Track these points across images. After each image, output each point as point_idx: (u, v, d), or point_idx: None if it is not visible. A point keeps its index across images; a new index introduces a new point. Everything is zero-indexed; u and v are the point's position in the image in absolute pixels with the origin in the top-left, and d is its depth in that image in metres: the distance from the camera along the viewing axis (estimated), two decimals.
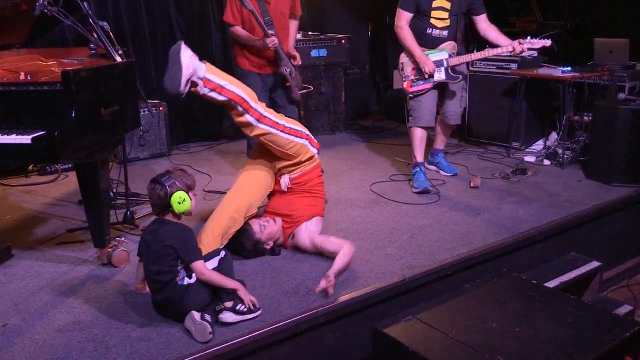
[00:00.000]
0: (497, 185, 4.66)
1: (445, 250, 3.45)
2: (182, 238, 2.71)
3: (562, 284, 3.60)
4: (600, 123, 4.78)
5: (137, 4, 5.56)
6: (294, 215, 3.49)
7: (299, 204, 3.55)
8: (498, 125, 5.68)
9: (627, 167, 4.58)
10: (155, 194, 2.72)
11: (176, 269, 2.70)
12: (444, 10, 4.44)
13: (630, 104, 4.62)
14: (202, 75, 3.16)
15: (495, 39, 4.54)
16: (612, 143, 4.62)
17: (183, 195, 2.71)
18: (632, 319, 3.53)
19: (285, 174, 3.58)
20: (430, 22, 4.47)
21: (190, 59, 3.11)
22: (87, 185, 3.20)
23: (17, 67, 3.38)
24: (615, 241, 4.37)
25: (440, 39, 4.51)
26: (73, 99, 2.80)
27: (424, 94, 4.54)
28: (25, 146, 2.75)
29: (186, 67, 3.08)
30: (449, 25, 4.49)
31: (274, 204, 3.61)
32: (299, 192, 3.59)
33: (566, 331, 2.70)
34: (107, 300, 2.92)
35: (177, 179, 2.74)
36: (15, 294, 3.00)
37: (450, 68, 4.50)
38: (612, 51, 5.55)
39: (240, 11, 4.28)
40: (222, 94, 3.26)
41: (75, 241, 3.63)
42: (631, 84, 5.31)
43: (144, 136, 5.38)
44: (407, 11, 4.45)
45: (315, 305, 2.81)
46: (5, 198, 4.45)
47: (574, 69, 5.13)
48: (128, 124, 3.40)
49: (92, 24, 3.30)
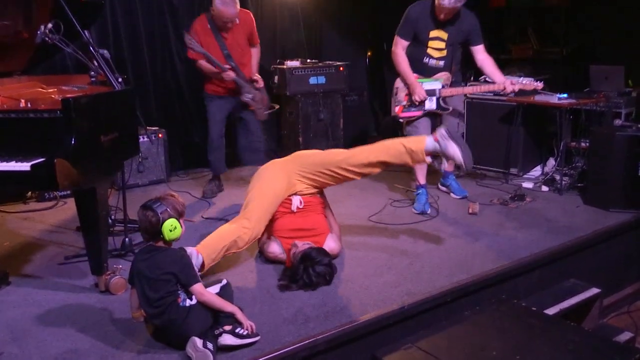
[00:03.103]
0: (496, 211, 4.66)
1: (444, 277, 3.43)
2: (181, 264, 2.71)
3: (562, 310, 3.58)
4: (597, 149, 4.80)
5: (137, 32, 5.61)
6: (317, 230, 3.60)
7: (316, 219, 3.65)
8: (496, 151, 5.71)
9: (625, 193, 4.59)
10: (147, 220, 2.71)
11: (176, 292, 2.69)
12: (441, 40, 4.50)
13: (627, 130, 4.65)
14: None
15: (490, 73, 4.59)
16: (609, 169, 4.64)
17: (174, 222, 2.71)
18: (632, 346, 3.51)
19: (298, 194, 3.64)
20: (427, 52, 4.53)
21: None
22: (85, 211, 3.20)
23: (18, 93, 3.40)
24: (614, 267, 4.36)
25: (436, 69, 4.57)
26: (72, 126, 2.82)
27: (416, 120, 4.60)
28: (24, 173, 2.76)
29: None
30: (445, 55, 4.55)
31: (287, 224, 3.60)
32: (309, 210, 3.65)
33: (566, 358, 2.69)
34: (104, 328, 2.90)
35: (168, 205, 2.74)
36: (12, 322, 2.98)
37: (442, 98, 4.56)
38: (607, 77, 5.60)
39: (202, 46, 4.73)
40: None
41: (72, 268, 3.61)
42: (627, 110, 5.35)
43: (142, 162, 5.39)
44: (403, 39, 4.51)
45: (313, 333, 2.79)
46: (3, 224, 4.44)
47: (570, 96, 5.17)
48: (127, 150, 3.42)
49: (92, 51, 3.33)
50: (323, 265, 3.28)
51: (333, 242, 3.63)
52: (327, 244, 3.57)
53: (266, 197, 3.53)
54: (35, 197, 5.05)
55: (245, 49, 4.99)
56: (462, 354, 2.74)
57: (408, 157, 3.56)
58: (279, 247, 3.57)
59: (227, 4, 4.60)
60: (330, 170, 3.62)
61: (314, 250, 3.34)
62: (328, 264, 3.32)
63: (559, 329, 2.96)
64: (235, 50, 4.85)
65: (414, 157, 3.56)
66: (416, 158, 3.57)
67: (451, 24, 4.46)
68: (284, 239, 3.57)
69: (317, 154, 3.84)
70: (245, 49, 4.98)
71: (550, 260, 3.84)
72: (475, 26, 4.54)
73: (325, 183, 3.71)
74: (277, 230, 3.62)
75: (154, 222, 2.70)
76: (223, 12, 4.62)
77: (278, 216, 3.62)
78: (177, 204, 2.79)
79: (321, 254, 3.34)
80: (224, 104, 4.98)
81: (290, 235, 3.56)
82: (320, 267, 3.26)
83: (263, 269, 3.58)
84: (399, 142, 3.64)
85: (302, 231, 3.57)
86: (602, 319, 3.99)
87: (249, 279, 3.45)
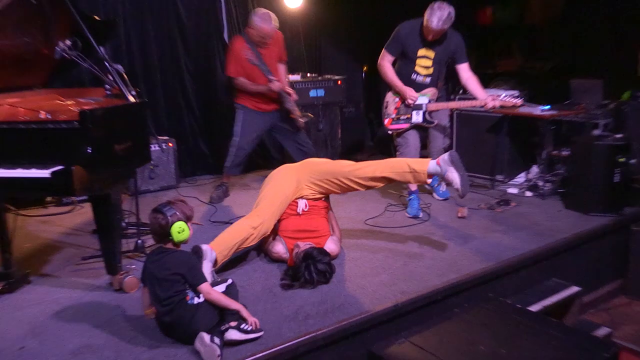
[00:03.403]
0: (483, 215, 4.67)
1: (435, 277, 3.44)
2: (188, 265, 2.72)
3: (545, 307, 3.59)
4: (577, 157, 4.81)
5: (149, 48, 5.63)
6: (319, 232, 3.63)
7: (319, 222, 3.69)
8: (483, 159, 5.71)
9: (603, 198, 4.60)
10: (157, 223, 2.72)
11: (184, 291, 2.70)
12: (428, 59, 4.53)
13: (605, 140, 4.66)
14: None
15: (473, 90, 4.61)
16: (588, 175, 4.64)
17: (183, 225, 2.72)
18: (610, 340, 3.52)
19: (304, 198, 3.67)
20: (414, 69, 4.56)
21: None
22: (100, 215, 3.21)
23: (38, 105, 3.40)
24: (593, 267, 4.37)
25: (423, 85, 4.60)
26: (89, 136, 2.83)
27: (405, 132, 4.65)
28: (44, 179, 2.76)
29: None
30: (431, 72, 4.58)
31: (291, 225, 3.63)
32: (313, 213, 3.69)
33: (549, 353, 2.69)
34: (118, 324, 2.90)
35: (177, 209, 2.75)
36: (32, 318, 2.99)
37: (428, 112, 4.59)
38: (586, 90, 5.61)
39: (240, 64, 4.72)
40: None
41: (88, 268, 3.62)
42: (605, 121, 5.35)
43: (154, 170, 5.40)
44: (389, 53, 4.55)
45: (313, 329, 2.79)
46: (24, 227, 4.44)
47: (552, 107, 5.18)
48: (139, 158, 3.42)
49: (107, 66, 3.35)
50: (323, 264, 3.30)
51: (333, 244, 3.64)
52: (328, 245, 3.59)
53: (277, 198, 3.58)
54: (54, 202, 5.06)
55: (276, 64, 5.03)
56: (452, 348, 2.74)
57: (411, 177, 3.63)
58: (283, 247, 3.59)
59: (266, 21, 4.65)
60: (338, 180, 3.66)
61: (315, 250, 3.36)
62: (328, 263, 3.34)
63: (542, 325, 2.96)
64: (271, 65, 4.87)
65: (416, 177, 3.62)
66: (418, 178, 3.63)
67: (438, 44, 4.48)
68: (288, 239, 3.60)
69: (327, 162, 3.88)
70: (276, 64, 5.01)
71: (534, 260, 3.85)
72: (461, 46, 4.54)
73: (330, 190, 3.74)
74: (282, 231, 3.64)
75: (163, 224, 2.70)
76: (263, 29, 4.66)
77: (284, 217, 3.65)
78: (186, 208, 2.80)
79: (322, 253, 3.35)
80: (262, 119, 4.97)
81: (294, 235, 3.59)
82: (321, 265, 3.28)
83: (266, 269, 3.58)
84: (405, 161, 3.70)
85: (305, 232, 3.60)
86: (581, 315, 3.99)
87: (253, 279, 3.45)
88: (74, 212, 4.90)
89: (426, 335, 2.87)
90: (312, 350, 2.75)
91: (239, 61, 4.77)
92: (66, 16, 3.33)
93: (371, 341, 2.91)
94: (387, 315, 3.03)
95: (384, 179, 3.66)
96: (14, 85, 3.67)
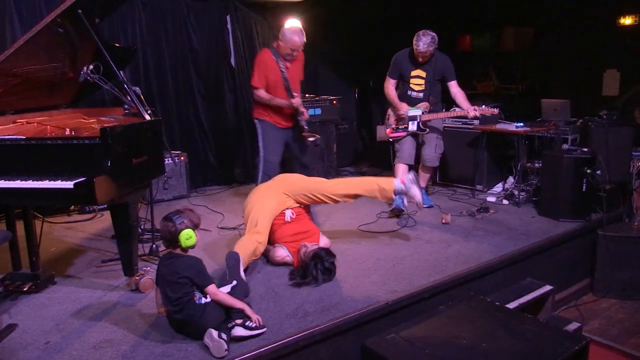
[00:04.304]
0: (464, 221, 4.66)
1: (422, 277, 3.42)
2: (196, 269, 2.69)
3: (521, 305, 3.57)
4: (549, 169, 4.82)
5: (164, 72, 5.63)
6: (311, 231, 3.68)
7: (307, 223, 3.77)
8: (464, 171, 5.73)
9: (572, 205, 4.60)
10: (167, 230, 2.70)
11: (192, 292, 2.68)
12: (421, 78, 4.83)
13: (573, 153, 4.67)
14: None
15: (459, 102, 4.86)
16: (558, 185, 4.64)
17: (190, 232, 2.69)
18: (580, 334, 3.50)
19: (289, 209, 3.72)
20: (409, 86, 4.88)
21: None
22: (119, 222, 3.19)
23: (64, 124, 3.41)
24: (564, 267, 4.36)
25: (417, 99, 4.88)
26: (109, 151, 2.81)
27: (402, 139, 4.88)
28: (68, 190, 2.74)
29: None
30: (424, 89, 4.85)
31: (287, 232, 3.64)
32: (300, 218, 3.75)
33: (525, 346, 2.68)
34: (135, 321, 2.88)
35: (186, 217, 2.72)
36: (57, 316, 2.96)
37: (422, 122, 4.81)
38: (556, 109, 5.64)
39: (265, 77, 4.41)
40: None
41: (108, 270, 3.60)
42: (573, 136, 5.39)
43: (167, 181, 5.39)
44: (391, 78, 4.93)
45: (312, 325, 2.77)
46: (50, 233, 4.41)
47: (526, 124, 5.20)
48: (154, 171, 3.40)
49: (126, 88, 3.34)
50: (329, 263, 3.35)
51: (325, 239, 3.74)
52: (322, 240, 3.68)
53: (267, 215, 3.60)
54: (77, 210, 5.04)
55: (297, 81, 4.63)
56: (438, 341, 2.72)
57: (378, 193, 3.81)
58: (285, 251, 3.59)
59: (297, 33, 4.36)
60: (314, 195, 3.80)
61: (323, 250, 3.42)
62: (333, 262, 3.38)
63: (519, 321, 2.95)
64: (292, 82, 4.49)
65: (383, 194, 3.81)
66: (385, 194, 3.82)
67: (428, 65, 4.77)
68: (288, 244, 3.60)
69: (303, 179, 3.96)
70: (297, 81, 4.62)
71: (511, 262, 3.83)
72: (449, 66, 4.80)
73: (305, 203, 3.86)
74: (281, 238, 3.63)
75: (172, 231, 2.68)
76: (295, 41, 4.33)
77: (276, 228, 3.66)
78: (194, 217, 2.77)
79: (328, 253, 3.40)
80: (282, 134, 4.57)
81: (293, 239, 3.61)
82: (327, 264, 3.33)
83: (269, 271, 3.56)
84: (374, 180, 3.88)
85: (300, 234, 3.63)
86: (554, 312, 3.97)
87: (257, 280, 3.42)
88: (95, 219, 4.88)
89: (414, 330, 2.86)
90: (310, 345, 2.73)
91: (264, 72, 4.40)
92: (90, 43, 3.33)
93: (364, 336, 2.89)
94: (378, 313, 3.01)
95: (356, 195, 3.84)
96: (43, 105, 3.67)
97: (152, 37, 5.51)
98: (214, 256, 3.80)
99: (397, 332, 2.82)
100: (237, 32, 6.08)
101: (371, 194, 3.81)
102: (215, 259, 3.75)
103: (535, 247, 4.04)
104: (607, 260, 4.39)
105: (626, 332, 3.88)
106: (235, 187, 6.09)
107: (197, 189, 5.92)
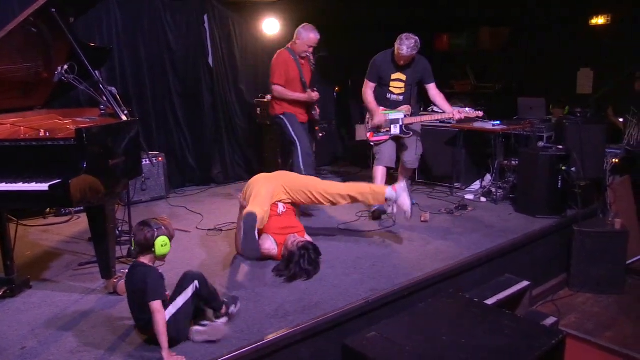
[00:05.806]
0: (443, 219, 4.70)
1: (401, 275, 3.44)
2: (148, 279, 2.53)
3: (499, 300, 3.61)
4: (525, 166, 4.88)
5: (141, 71, 5.57)
6: (298, 227, 3.79)
7: (295, 220, 3.88)
8: (443, 169, 5.77)
9: (548, 202, 4.68)
10: (143, 235, 2.59)
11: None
12: (400, 81, 4.77)
13: (548, 150, 4.74)
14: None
15: (441, 105, 4.85)
16: (535, 182, 4.71)
17: (166, 240, 2.62)
18: (556, 328, 3.55)
19: (281, 202, 3.85)
20: (389, 90, 4.80)
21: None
22: (95, 225, 3.15)
23: (38, 125, 3.34)
24: (541, 263, 4.42)
25: (397, 102, 4.81)
26: (85, 152, 2.78)
27: (383, 143, 4.80)
28: (43, 192, 2.70)
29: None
30: (404, 92, 4.80)
31: (277, 224, 3.73)
32: (289, 213, 3.86)
33: (503, 341, 2.70)
34: (112, 325, 2.84)
35: (163, 226, 2.64)
36: (33, 320, 2.91)
37: (405, 125, 4.78)
38: (532, 108, 5.73)
39: (285, 75, 4.63)
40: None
41: (85, 273, 3.54)
42: (548, 134, 5.47)
43: (145, 182, 5.34)
44: (370, 81, 4.83)
45: (292, 325, 2.77)
46: (25, 236, 4.33)
47: (502, 123, 5.26)
48: (132, 172, 3.37)
49: (102, 88, 3.30)
50: (316, 255, 3.47)
51: (309, 238, 3.77)
52: (307, 238, 3.73)
53: (269, 195, 3.73)
54: (53, 212, 4.95)
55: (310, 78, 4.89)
56: (418, 338, 2.73)
57: (371, 198, 3.93)
58: (272, 243, 3.66)
59: (313, 30, 4.65)
60: (310, 193, 3.88)
61: (311, 244, 3.52)
62: (318, 257, 3.50)
63: (497, 316, 2.98)
64: (307, 78, 4.79)
65: (375, 198, 3.93)
66: (377, 199, 3.94)
67: (408, 67, 4.72)
68: (276, 235, 3.69)
69: (301, 177, 4.12)
70: (309, 77, 4.88)
71: (489, 259, 3.88)
72: (427, 69, 4.77)
73: (300, 200, 3.93)
74: (269, 229, 3.70)
75: (149, 237, 2.59)
76: (312, 38, 4.64)
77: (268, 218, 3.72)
78: (170, 228, 2.69)
79: (316, 249, 3.51)
80: (304, 128, 4.85)
81: (280, 232, 3.71)
82: (314, 255, 3.45)
83: (249, 274, 3.55)
84: (367, 185, 4.02)
85: (288, 228, 3.73)
86: (531, 307, 4.03)
87: (238, 281, 3.41)
88: (71, 221, 4.80)
89: (394, 328, 2.86)
90: (291, 345, 2.73)
91: (286, 70, 4.64)
92: (64, 43, 3.28)
93: (344, 335, 2.88)
94: (358, 311, 3.03)
95: (349, 197, 3.91)
96: (16, 106, 3.59)
97: (129, 37, 5.44)
98: (192, 256, 3.77)
99: (377, 330, 2.83)
100: (215, 31, 6.05)
101: (364, 198, 3.92)
102: (193, 259, 3.71)
103: (513, 244, 4.09)
104: (583, 256, 4.47)
105: (601, 326, 3.96)
106: (214, 188, 6.06)
107: (175, 190, 5.87)
